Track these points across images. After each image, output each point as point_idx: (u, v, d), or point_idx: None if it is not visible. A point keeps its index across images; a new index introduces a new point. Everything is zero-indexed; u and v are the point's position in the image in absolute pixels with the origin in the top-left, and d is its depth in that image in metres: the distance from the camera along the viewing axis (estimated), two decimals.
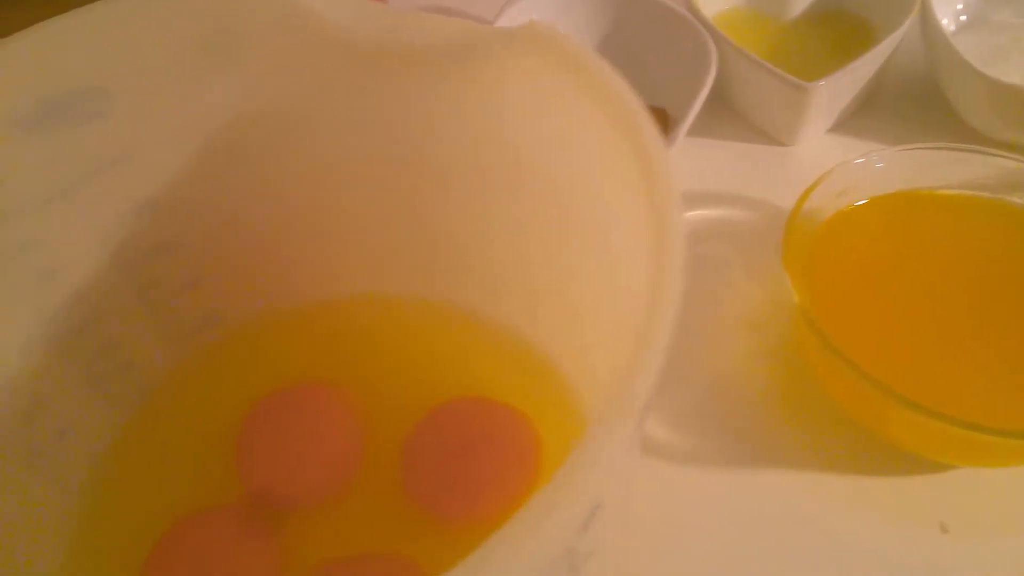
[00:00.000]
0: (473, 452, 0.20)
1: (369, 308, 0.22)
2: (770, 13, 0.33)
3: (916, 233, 0.24)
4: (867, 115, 0.31)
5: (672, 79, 0.29)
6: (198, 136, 0.19)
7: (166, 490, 0.20)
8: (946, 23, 0.32)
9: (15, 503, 0.18)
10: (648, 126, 0.13)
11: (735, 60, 0.29)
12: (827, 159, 0.29)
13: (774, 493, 0.22)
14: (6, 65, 0.16)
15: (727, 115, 0.31)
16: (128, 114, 0.18)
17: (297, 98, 0.19)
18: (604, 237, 0.16)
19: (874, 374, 0.20)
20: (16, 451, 0.18)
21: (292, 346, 0.22)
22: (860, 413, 0.22)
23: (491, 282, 0.21)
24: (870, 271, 0.23)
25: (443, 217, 0.20)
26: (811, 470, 0.22)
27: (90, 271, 0.19)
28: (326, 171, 0.20)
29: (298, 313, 0.22)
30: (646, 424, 0.22)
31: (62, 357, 0.19)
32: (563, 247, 0.18)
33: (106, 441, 0.20)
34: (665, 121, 0.29)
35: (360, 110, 0.19)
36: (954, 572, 0.21)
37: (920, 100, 0.32)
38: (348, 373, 0.21)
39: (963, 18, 0.33)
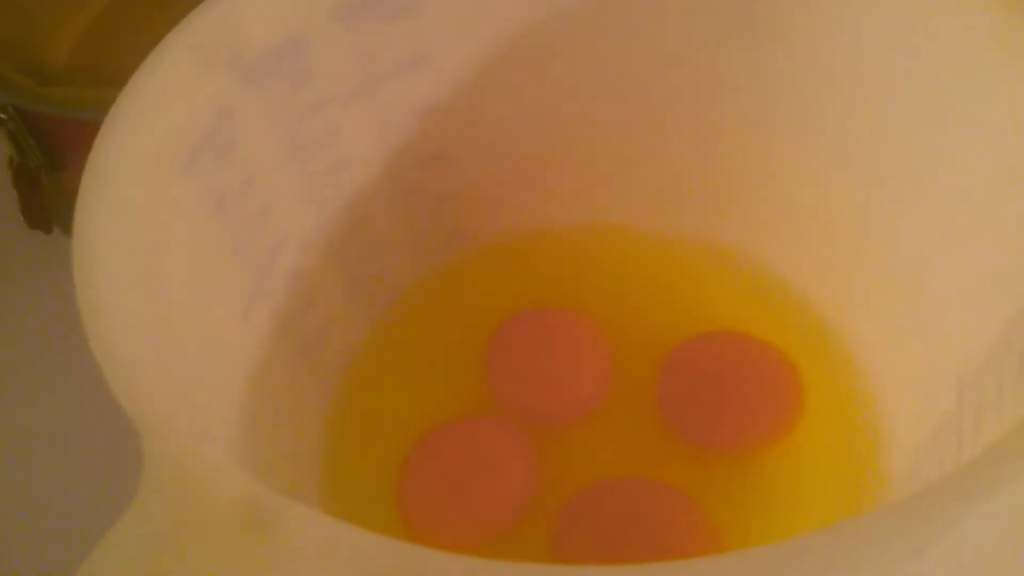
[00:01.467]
0: (734, 384, 0.19)
1: (617, 236, 0.22)
2: None
3: None
4: None
5: None
6: (494, 41, 0.18)
7: (416, 397, 0.20)
8: None
9: (288, 392, 0.18)
10: None
11: None
12: None
13: None
14: None
15: None
16: (436, 12, 0.17)
17: (596, 11, 0.18)
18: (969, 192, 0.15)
19: None
20: (294, 339, 0.18)
21: (536, 268, 0.22)
22: None
23: (755, 221, 0.20)
24: None
25: (720, 154, 0.20)
26: None
27: (369, 173, 0.19)
28: (601, 91, 0.20)
29: (544, 236, 0.22)
30: None
31: (332, 256, 0.19)
32: (876, 192, 0.17)
33: (359, 345, 0.21)
34: None
35: (654, 25, 0.18)
36: None
37: None
38: (594, 300, 0.21)
39: None
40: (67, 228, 0.25)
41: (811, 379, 0.20)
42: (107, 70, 0.24)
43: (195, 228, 0.15)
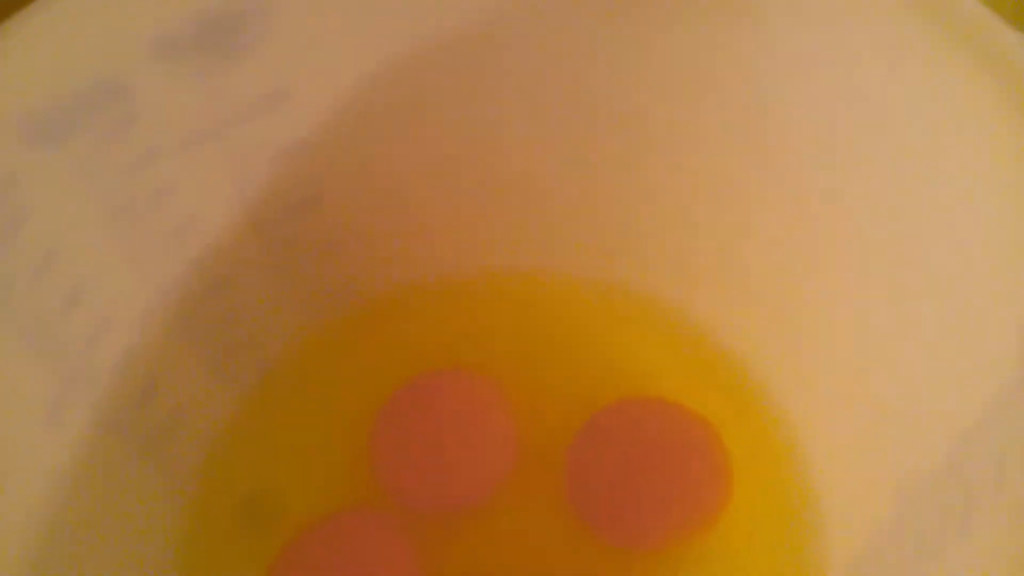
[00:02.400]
0: (655, 465, 0.17)
1: (526, 287, 0.19)
2: None
3: None
4: None
5: None
6: (360, 70, 0.15)
7: (286, 486, 0.17)
8: None
9: (130, 499, 0.16)
10: None
11: None
12: None
13: None
14: None
15: None
16: (290, 41, 0.14)
17: (480, 33, 0.15)
18: (923, 244, 0.13)
19: None
20: (130, 438, 0.15)
21: (435, 326, 0.19)
22: None
23: (686, 269, 0.18)
24: None
25: (638, 190, 0.17)
26: None
27: (223, 228, 0.16)
28: (499, 123, 0.17)
29: (443, 289, 0.19)
30: None
31: (181, 329, 0.16)
32: (829, 259, 0.15)
33: (219, 428, 0.18)
34: None
35: (558, 50, 0.16)
36: None
37: None
38: (499, 360, 0.18)
39: None
40: None
41: (743, 459, 0.17)
42: None
43: None
